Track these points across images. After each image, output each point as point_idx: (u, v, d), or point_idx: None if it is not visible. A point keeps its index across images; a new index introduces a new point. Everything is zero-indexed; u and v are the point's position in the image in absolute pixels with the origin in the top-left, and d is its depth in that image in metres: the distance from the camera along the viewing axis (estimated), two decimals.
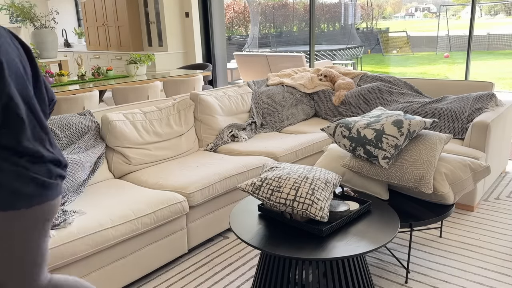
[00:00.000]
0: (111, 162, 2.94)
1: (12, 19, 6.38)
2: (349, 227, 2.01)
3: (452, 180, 2.40)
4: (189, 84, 4.73)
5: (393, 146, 2.35)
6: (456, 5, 19.28)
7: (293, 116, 4.16)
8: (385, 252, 2.66)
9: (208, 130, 3.53)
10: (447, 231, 2.89)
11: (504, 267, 2.46)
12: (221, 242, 2.89)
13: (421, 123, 2.44)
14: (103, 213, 2.24)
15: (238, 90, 3.92)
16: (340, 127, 2.55)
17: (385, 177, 2.39)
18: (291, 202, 1.94)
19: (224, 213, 2.91)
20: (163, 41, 6.70)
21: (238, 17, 17.05)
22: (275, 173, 2.08)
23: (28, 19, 6.33)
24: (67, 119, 2.71)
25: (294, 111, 4.20)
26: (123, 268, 2.31)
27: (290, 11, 16.68)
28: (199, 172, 2.84)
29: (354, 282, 1.98)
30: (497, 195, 3.42)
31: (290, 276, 1.98)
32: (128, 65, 5.11)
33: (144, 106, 3.30)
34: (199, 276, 2.50)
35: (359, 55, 13.65)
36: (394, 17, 22.03)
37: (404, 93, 3.94)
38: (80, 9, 9.39)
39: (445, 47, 15.70)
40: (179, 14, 6.70)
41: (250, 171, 2.98)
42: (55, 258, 1.97)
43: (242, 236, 1.97)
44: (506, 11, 17.58)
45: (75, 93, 4.10)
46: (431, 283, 2.34)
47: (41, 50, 6.47)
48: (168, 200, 2.48)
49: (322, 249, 1.82)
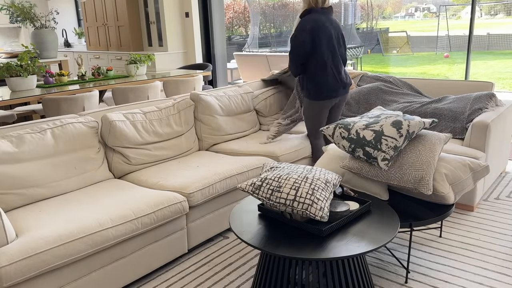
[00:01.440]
0: (111, 162, 2.94)
1: (12, 19, 6.38)
2: (349, 227, 2.01)
3: (452, 180, 2.40)
4: (189, 84, 4.73)
5: (392, 148, 2.35)
6: (456, 5, 19.28)
7: None
8: (385, 252, 2.66)
9: (208, 130, 3.53)
10: (447, 231, 2.89)
11: (504, 267, 2.46)
12: (221, 242, 2.89)
13: (420, 123, 2.44)
14: (103, 213, 2.24)
15: (238, 90, 3.92)
16: (339, 128, 2.55)
17: (385, 178, 2.40)
18: (291, 202, 1.94)
19: (224, 213, 2.91)
20: (163, 41, 6.71)
21: (238, 17, 17.05)
22: (275, 173, 2.09)
23: (28, 19, 6.33)
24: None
25: None
26: (123, 268, 2.31)
27: (290, 11, 16.67)
28: (199, 172, 2.84)
29: (354, 282, 1.99)
30: (497, 195, 3.43)
31: (290, 276, 1.98)
32: (128, 65, 5.11)
33: (144, 106, 3.30)
34: (199, 276, 2.50)
35: (359, 55, 13.64)
36: (394, 17, 22.02)
37: (404, 93, 3.94)
38: (80, 9, 9.40)
39: (445, 47, 15.70)
40: (179, 14, 6.71)
41: (250, 171, 2.99)
42: (55, 258, 1.97)
43: (242, 236, 1.97)
44: (506, 11, 17.58)
45: (75, 93, 4.10)
46: (431, 283, 2.34)
47: (41, 50, 6.48)
48: (168, 200, 2.48)
49: (322, 249, 1.82)
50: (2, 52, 7.82)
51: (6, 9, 6.27)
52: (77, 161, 2.70)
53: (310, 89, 3.32)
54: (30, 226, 2.12)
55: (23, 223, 2.16)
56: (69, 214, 2.25)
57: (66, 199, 2.49)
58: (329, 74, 3.28)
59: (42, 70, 4.50)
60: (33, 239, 1.98)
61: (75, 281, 2.11)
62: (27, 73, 4.28)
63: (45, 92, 4.06)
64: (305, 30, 3.15)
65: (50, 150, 2.59)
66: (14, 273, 1.85)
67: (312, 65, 3.25)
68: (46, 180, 2.53)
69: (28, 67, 4.31)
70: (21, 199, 2.42)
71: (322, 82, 3.27)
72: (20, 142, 2.47)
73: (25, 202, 2.44)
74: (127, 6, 6.84)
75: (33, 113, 4.50)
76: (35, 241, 1.96)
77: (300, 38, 3.17)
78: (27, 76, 4.25)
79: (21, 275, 1.88)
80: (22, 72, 4.23)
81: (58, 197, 2.54)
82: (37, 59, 4.43)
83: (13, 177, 2.39)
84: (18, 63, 4.27)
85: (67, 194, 2.58)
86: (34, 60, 4.39)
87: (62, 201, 2.46)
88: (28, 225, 2.13)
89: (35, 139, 2.54)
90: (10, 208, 2.38)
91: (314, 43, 3.19)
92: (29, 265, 1.90)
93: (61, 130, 2.67)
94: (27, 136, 2.52)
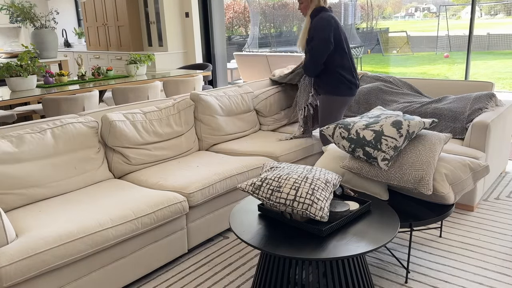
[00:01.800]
0: (111, 162, 2.94)
1: (12, 19, 6.38)
2: (349, 227, 2.01)
3: (452, 180, 2.40)
4: (189, 84, 4.73)
5: (392, 148, 2.35)
6: (456, 5, 19.27)
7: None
8: (385, 252, 2.66)
9: (208, 130, 3.53)
10: (447, 231, 2.89)
11: (504, 267, 2.46)
12: (221, 242, 2.89)
13: (420, 123, 2.44)
14: (103, 213, 2.24)
15: (238, 90, 3.92)
16: (339, 128, 2.55)
17: (385, 178, 2.40)
18: (291, 202, 1.94)
19: (224, 213, 2.91)
20: (163, 41, 6.71)
21: (238, 17, 17.04)
22: (275, 173, 2.09)
23: (28, 19, 6.33)
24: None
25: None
26: (123, 268, 2.31)
27: (290, 11, 16.67)
28: (199, 172, 2.84)
29: (354, 282, 1.99)
30: (497, 195, 3.43)
31: (290, 276, 1.98)
32: (128, 65, 5.11)
33: (144, 106, 3.30)
34: (199, 276, 2.50)
35: (359, 55, 13.64)
36: (394, 17, 22.01)
37: (404, 93, 3.94)
38: (80, 9, 9.40)
39: (445, 47, 15.69)
40: (179, 14, 6.70)
41: (250, 171, 2.99)
42: (55, 258, 1.97)
43: (242, 236, 1.97)
44: (506, 11, 17.57)
45: (75, 93, 4.10)
46: (431, 283, 2.34)
47: (41, 50, 6.48)
48: (168, 200, 2.48)
49: (322, 249, 1.82)
50: (2, 52, 7.83)
51: (6, 9, 6.27)
52: (77, 161, 2.70)
53: (334, 85, 3.31)
54: (30, 226, 2.12)
55: (23, 223, 2.16)
56: (69, 214, 2.25)
57: (66, 199, 2.49)
58: (348, 70, 3.32)
59: (42, 70, 4.50)
60: (33, 239, 1.98)
61: (75, 281, 2.11)
62: (27, 73, 4.28)
63: (45, 92, 4.06)
64: (327, 28, 3.17)
65: (50, 150, 2.59)
66: (14, 273, 1.85)
67: (333, 62, 3.28)
68: (46, 180, 2.53)
69: (28, 67, 4.31)
70: (21, 199, 2.42)
71: (343, 78, 3.30)
72: (20, 142, 2.47)
73: (25, 202, 2.44)
74: (127, 6, 6.84)
75: (33, 113, 4.51)
76: (35, 241, 1.97)
77: (324, 35, 3.17)
78: (27, 76, 4.25)
79: (21, 275, 1.88)
80: (22, 72, 4.23)
81: (58, 197, 2.54)
82: (37, 59, 4.43)
83: (13, 177, 2.39)
84: (18, 63, 4.27)
85: (67, 194, 2.58)
86: (34, 60, 4.39)
87: (62, 201, 2.46)
88: (28, 225, 2.13)
89: (35, 139, 2.54)
90: (10, 208, 2.38)
91: (335, 40, 3.23)
92: (29, 265, 1.90)
93: (61, 130, 2.67)
94: (27, 136, 2.52)
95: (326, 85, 3.36)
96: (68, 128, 2.70)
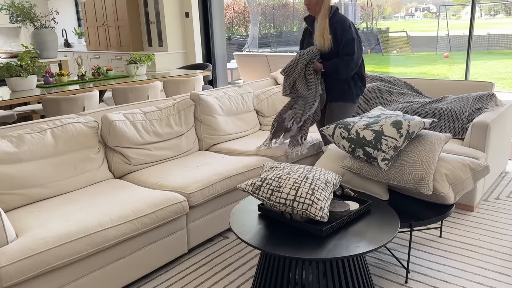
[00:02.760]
0: (111, 162, 2.94)
1: (12, 19, 6.38)
2: (349, 227, 2.01)
3: (452, 180, 2.40)
4: (189, 84, 4.73)
5: (392, 148, 2.35)
6: (456, 5, 19.26)
7: None
8: (385, 252, 2.66)
9: (208, 130, 3.53)
10: (447, 231, 2.89)
11: (504, 267, 2.46)
12: (221, 242, 2.89)
13: (420, 123, 2.44)
14: (103, 213, 2.24)
15: (238, 90, 3.92)
16: (339, 128, 2.55)
17: (385, 178, 2.40)
18: (291, 202, 1.94)
19: (224, 213, 2.91)
20: (163, 41, 6.70)
21: (238, 17, 17.05)
22: (275, 173, 2.09)
23: (28, 19, 6.33)
24: None
25: None
26: (123, 268, 2.31)
27: (290, 11, 16.67)
28: (199, 172, 2.84)
29: (354, 282, 1.99)
30: (497, 195, 3.43)
31: (290, 276, 1.98)
32: (128, 65, 5.11)
33: (144, 106, 3.30)
34: (199, 276, 2.50)
35: None
36: (394, 17, 22.00)
37: (404, 93, 3.94)
38: (80, 9, 9.39)
39: (445, 47, 15.69)
40: (179, 14, 6.70)
41: (250, 171, 2.99)
42: (55, 258, 1.97)
43: (242, 236, 1.97)
44: (506, 11, 17.56)
45: (75, 93, 4.10)
46: (431, 283, 2.34)
47: (41, 50, 6.48)
48: (168, 200, 2.48)
49: (322, 249, 1.82)
50: (2, 52, 7.82)
51: (6, 9, 6.27)
52: (77, 161, 2.70)
53: (351, 91, 3.23)
54: (30, 226, 2.12)
55: (23, 223, 2.16)
56: (69, 214, 2.25)
57: (66, 199, 2.49)
58: (363, 75, 3.28)
59: (42, 70, 4.50)
60: (33, 239, 1.98)
61: (75, 281, 2.11)
62: (27, 73, 4.27)
63: (45, 92, 4.06)
64: (351, 27, 3.12)
65: (50, 150, 2.59)
66: (14, 273, 1.85)
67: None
68: (46, 180, 2.53)
69: (28, 67, 4.31)
70: (21, 199, 2.42)
71: (360, 84, 3.27)
72: (20, 142, 2.47)
73: (25, 202, 2.44)
74: (127, 6, 6.83)
75: (33, 113, 4.50)
76: (35, 241, 1.97)
77: (353, 34, 3.08)
78: (27, 76, 4.25)
79: (21, 275, 1.88)
80: (22, 72, 4.23)
81: (58, 197, 2.54)
82: (37, 59, 4.43)
83: (13, 177, 2.39)
84: (18, 63, 4.27)
85: (67, 194, 2.58)
86: (34, 60, 4.39)
87: (62, 201, 2.46)
88: (28, 225, 2.13)
89: (35, 139, 2.54)
90: (11, 208, 2.38)
91: None
92: (29, 265, 1.90)
93: (61, 130, 2.67)
94: (27, 136, 2.52)
95: (343, 92, 3.22)
96: (68, 128, 2.70)
